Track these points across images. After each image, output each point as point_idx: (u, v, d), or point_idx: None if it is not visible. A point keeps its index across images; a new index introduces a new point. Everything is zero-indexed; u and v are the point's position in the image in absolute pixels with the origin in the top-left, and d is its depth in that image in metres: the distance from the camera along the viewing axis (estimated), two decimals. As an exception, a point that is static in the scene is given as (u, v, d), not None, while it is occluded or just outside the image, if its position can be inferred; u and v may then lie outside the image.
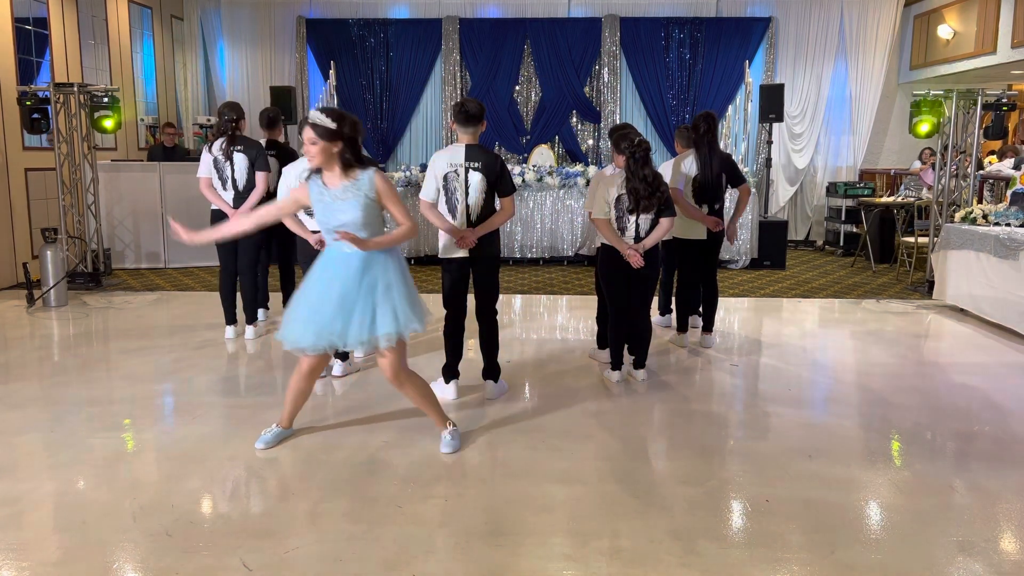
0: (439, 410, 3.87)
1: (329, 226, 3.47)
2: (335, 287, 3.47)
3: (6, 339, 6.02)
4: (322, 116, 3.37)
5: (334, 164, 3.45)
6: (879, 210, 9.68)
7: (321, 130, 3.36)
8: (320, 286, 3.52)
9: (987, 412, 4.46)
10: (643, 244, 4.68)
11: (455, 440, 3.81)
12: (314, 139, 3.37)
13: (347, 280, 3.46)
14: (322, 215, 3.48)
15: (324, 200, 3.48)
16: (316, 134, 3.36)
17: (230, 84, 11.76)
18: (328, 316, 3.45)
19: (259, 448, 3.79)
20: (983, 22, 9.67)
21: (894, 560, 2.82)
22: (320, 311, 3.47)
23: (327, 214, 3.47)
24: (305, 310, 3.53)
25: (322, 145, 3.38)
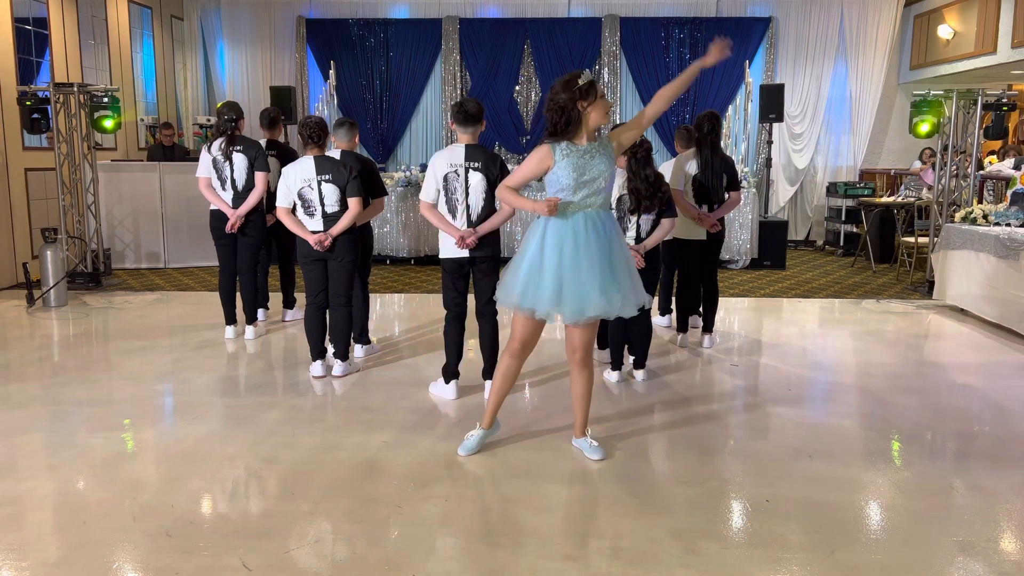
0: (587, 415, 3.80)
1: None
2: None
3: (6, 339, 6.02)
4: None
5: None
6: (879, 210, 9.68)
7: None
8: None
9: (987, 412, 4.46)
10: (644, 245, 4.68)
11: (599, 449, 3.73)
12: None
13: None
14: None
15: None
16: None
17: (230, 84, 11.75)
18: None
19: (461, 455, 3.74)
20: (983, 22, 9.67)
21: (894, 560, 2.82)
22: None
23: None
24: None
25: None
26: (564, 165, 3.40)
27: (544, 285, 3.41)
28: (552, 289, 3.40)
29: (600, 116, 3.42)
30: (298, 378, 4.98)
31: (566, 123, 3.41)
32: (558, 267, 3.40)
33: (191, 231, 9.13)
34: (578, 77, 3.39)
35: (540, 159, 3.44)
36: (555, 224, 3.43)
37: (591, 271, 3.39)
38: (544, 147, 3.45)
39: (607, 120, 3.48)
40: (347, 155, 5.10)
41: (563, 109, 3.40)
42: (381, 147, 11.76)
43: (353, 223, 4.80)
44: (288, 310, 6.57)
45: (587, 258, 3.40)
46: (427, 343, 5.77)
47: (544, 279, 3.41)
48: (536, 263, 3.44)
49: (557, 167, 3.41)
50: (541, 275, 3.42)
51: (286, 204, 4.77)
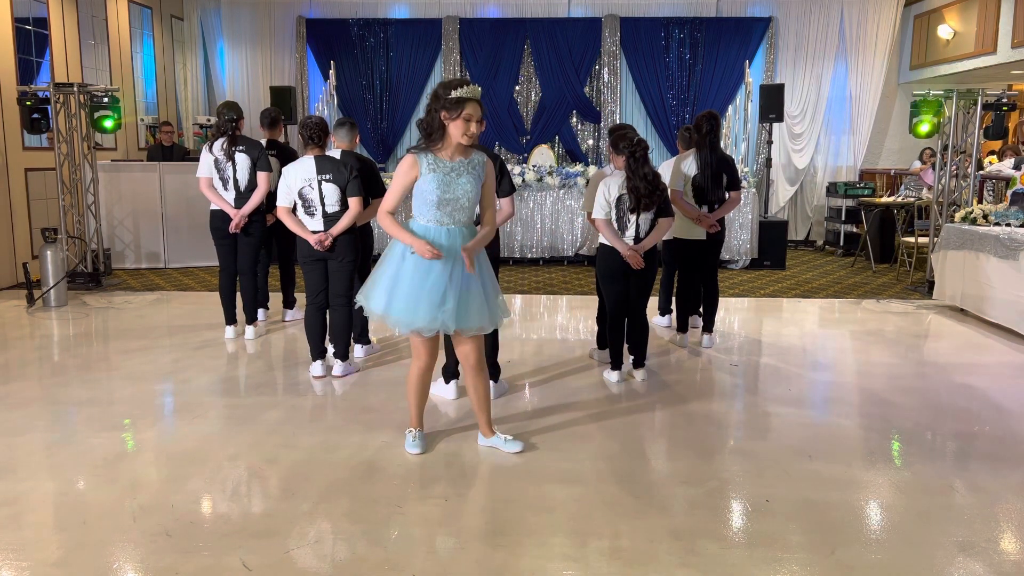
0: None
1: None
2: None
3: (6, 339, 6.02)
4: None
5: None
6: (879, 210, 9.68)
7: None
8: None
9: (987, 412, 4.46)
10: (642, 245, 4.68)
11: (516, 443, 3.79)
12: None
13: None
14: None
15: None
16: None
17: (230, 84, 11.75)
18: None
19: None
20: (983, 22, 9.67)
21: (894, 560, 2.82)
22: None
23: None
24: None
25: None
26: (430, 179, 3.41)
27: (399, 298, 3.44)
28: (407, 302, 3.43)
29: (458, 133, 3.37)
30: (298, 378, 4.98)
31: (428, 132, 3.41)
32: (416, 281, 3.43)
33: (191, 231, 9.13)
34: (456, 86, 3.33)
35: (407, 170, 3.43)
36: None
37: (451, 287, 3.44)
38: (410, 157, 3.44)
39: (466, 140, 3.40)
40: (347, 155, 5.10)
41: (428, 114, 3.41)
42: (381, 147, 11.75)
43: (353, 223, 4.80)
44: (288, 310, 6.57)
45: (446, 273, 3.44)
46: (427, 343, 5.76)
47: (399, 293, 3.44)
48: (394, 276, 3.47)
49: (422, 180, 3.42)
50: (397, 289, 3.45)
51: (286, 204, 4.77)
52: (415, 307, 3.43)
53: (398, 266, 3.48)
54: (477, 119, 3.39)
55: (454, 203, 3.45)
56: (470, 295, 3.49)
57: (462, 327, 3.51)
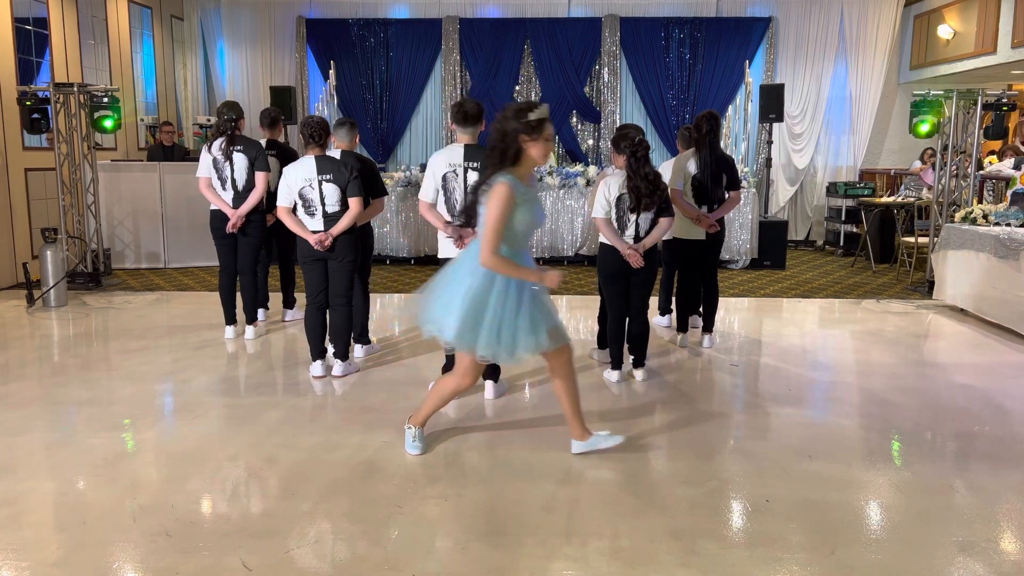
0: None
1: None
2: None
3: (6, 339, 6.02)
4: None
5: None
6: (879, 210, 9.68)
7: None
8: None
9: (987, 412, 4.45)
10: (642, 244, 4.68)
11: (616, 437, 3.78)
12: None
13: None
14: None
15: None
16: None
17: (230, 84, 11.75)
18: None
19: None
20: (983, 22, 9.67)
21: (894, 560, 2.82)
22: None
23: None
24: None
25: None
26: (524, 210, 3.31)
27: (484, 327, 3.34)
28: (490, 331, 3.35)
29: (540, 155, 3.33)
30: (298, 378, 4.98)
31: (501, 157, 3.30)
32: (498, 311, 3.36)
33: (191, 231, 9.13)
34: (530, 109, 3.28)
35: (508, 200, 3.24)
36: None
37: (522, 312, 3.39)
38: (506, 187, 3.23)
39: (544, 162, 3.37)
40: (347, 155, 5.10)
41: (503, 139, 3.29)
42: (381, 147, 11.75)
43: (354, 223, 4.80)
44: (288, 310, 6.57)
45: (519, 300, 3.39)
46: (427, 343, 5.75)
47: (484, 321, 3.35)
48: (481, 305, 3.35)
49: (516, 210, 3.28)
50: (483, 318, 3.35)
51: (287, 204, 4.77)
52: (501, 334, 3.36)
53: (499, 301, 3.38)
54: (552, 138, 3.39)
55: (534, 227, 3.44)
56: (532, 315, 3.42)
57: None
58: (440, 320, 3.41)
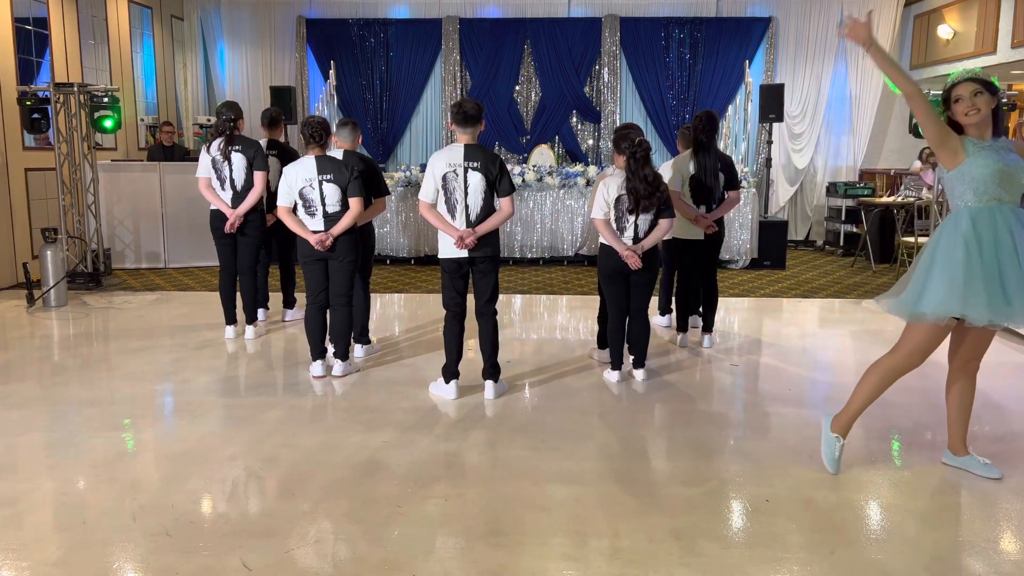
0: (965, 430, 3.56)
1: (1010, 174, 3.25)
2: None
3: (6, 339, 6.02)
4: (979, 75, 3.34)
5: (988, 120, 3.38)
6: (879, 210, 9.68)
7: (988, 84, 3.34)
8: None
9: (987, 412, 4.45)
10: (642, 245, 4.68)
11: (992, 468, 3.48)
12: (981, 90, 3.34)
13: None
14: (995, 165, 3.23)
15: (988, 151, 3.29)
16: (984, 87, 3.35)
17: (230, 84, 11.75)
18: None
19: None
20: (983, 22, 9.67)
21: (894, 560, 2.82)
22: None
23: (1002, 164, 3.23)
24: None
25: (988, 98, 3.35)
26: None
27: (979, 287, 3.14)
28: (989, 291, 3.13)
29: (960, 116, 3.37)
30: (298, 378, 4.98)
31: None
32: (991, 266, 3.16)
33: (191, 231, 9.13)
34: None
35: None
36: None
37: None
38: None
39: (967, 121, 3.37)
40: (350, 155, 5.10)
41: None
42: (381, 147, 11.75)
43: (354, 223, 4.80)
44: (288, 310, 6.57)
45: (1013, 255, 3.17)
46: (427, 343, 5.77)
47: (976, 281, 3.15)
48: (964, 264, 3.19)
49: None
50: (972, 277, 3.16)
51: (287, 203, 4.77)
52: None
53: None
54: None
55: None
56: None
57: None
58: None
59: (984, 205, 3.25)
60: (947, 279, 3.20)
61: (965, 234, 3.25)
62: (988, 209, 3.24)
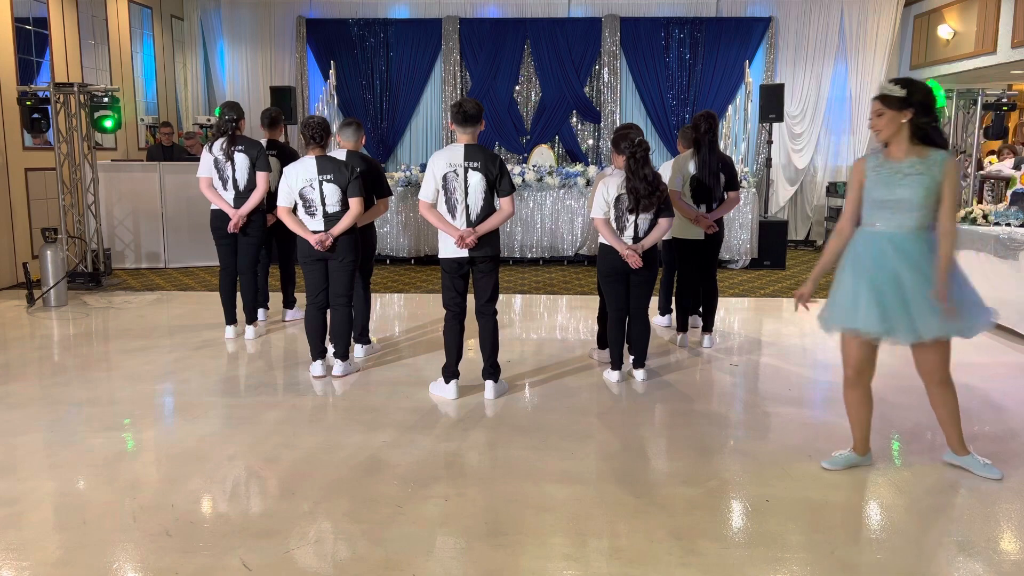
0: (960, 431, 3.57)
1: (887, 200, 3.31)
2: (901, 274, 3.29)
3: (6, 339, 6.02)
4: (890, 85, 3.26)
5: (902, 136, 3.29)
6: (879, 210, 9.66)
7: (889, 100, 3.24)
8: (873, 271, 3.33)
9: (987, 412, 4.45)
10: (641, 244, 4.68)
11: (992, 468, 3.51)
12: (880, 110, 3.27)
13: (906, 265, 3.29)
14: (877, 190, 3.32)
15: (881, 174, 3.32)
16: (883, 104, 3.26)
17: (230, 84, 11.75)
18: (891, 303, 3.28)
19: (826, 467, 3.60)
20: (983, 22, 9.67)
21: (894, 560, 2.82)
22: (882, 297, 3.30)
23: (884, 189, 3.30)
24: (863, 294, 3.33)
25: (890, 115, 3.25)
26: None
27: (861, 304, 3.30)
28: (871, 308, 3.29)
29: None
30: (298, 378, 4.98)
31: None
32: (873, 286, 3.30)
33: (191, 231, 9.13)
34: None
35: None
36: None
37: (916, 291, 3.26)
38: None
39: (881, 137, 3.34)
40: (352, 155, 5.11)
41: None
42: (381, 147, 11.75)
43: (354, 223, 4.80)
44: (288, 310, 6.57)
45: (901, 279, 3.28)
46: (427, 343, 5.77)
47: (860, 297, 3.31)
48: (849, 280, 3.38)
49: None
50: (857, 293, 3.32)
51: (287, 204, 4.77)
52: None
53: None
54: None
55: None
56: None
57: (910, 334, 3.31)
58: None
59: (868, 227, 3.40)
60: (835, 294, 3.45)
61: (850, 253, 3.44)
62: (872, 232, 3.37)
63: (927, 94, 3.28)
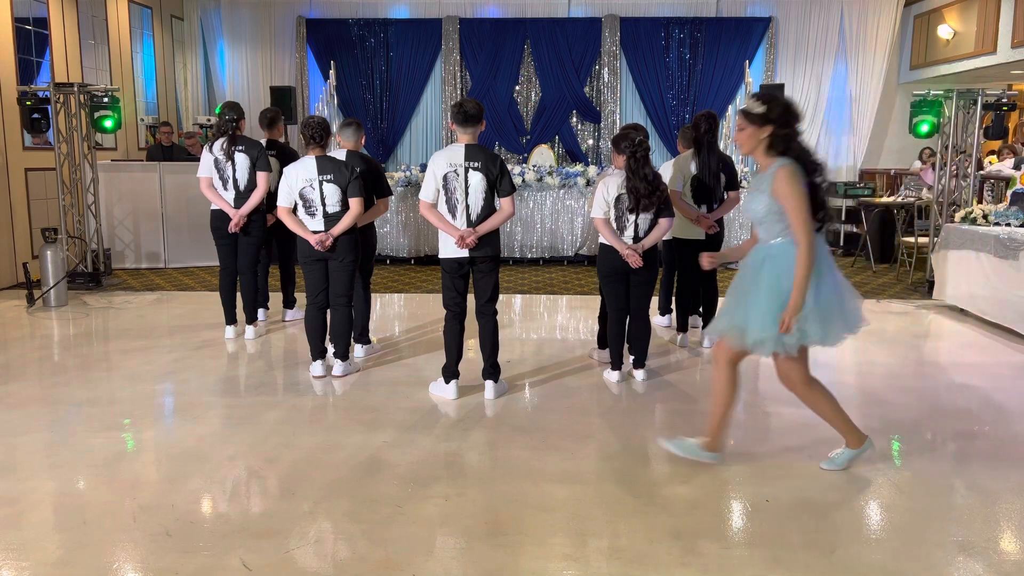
0: (851, 426, 3.59)
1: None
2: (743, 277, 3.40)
3: (6, 339, 6.02)
4: (751, 101, 3.31)
5: (760, 151, 3.34)
6: (879, 210, 9.68)
7: (750, 116, 3.28)
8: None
9: (987, 412, 4.45)
10: (641, 244, 4.68)
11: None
12: (742, 124, 3.32)
13: (745, 272, 3.41)
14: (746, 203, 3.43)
15: (750, 188, 3.40)
16: (745, 119, 3.30)
17: (230, 84, 11.76)
18: (731, 305, 3.42)
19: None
20: (983, 22, 9.67)
21: (894, 560, 2.82)
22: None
23: (749, 202, 3.38)
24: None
25: (750, 130, 3.30)
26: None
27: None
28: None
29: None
30: (298, 378, 4.98)
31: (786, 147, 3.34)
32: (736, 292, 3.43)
33: (191, 231, 9.13)
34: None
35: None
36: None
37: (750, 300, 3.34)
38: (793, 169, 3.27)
39: (743, 151, 3.38)
40: (352, 155, 5.10)
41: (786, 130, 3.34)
42: (381, 147, 11.76)
43: (354, 223, 4.80)
44: (288, 310, 6.57)
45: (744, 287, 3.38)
46: (427, 343, 5.77)
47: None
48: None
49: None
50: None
51: (287, 204, 4.77)
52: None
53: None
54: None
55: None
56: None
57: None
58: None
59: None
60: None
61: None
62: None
63: (786, 109, 3.31)
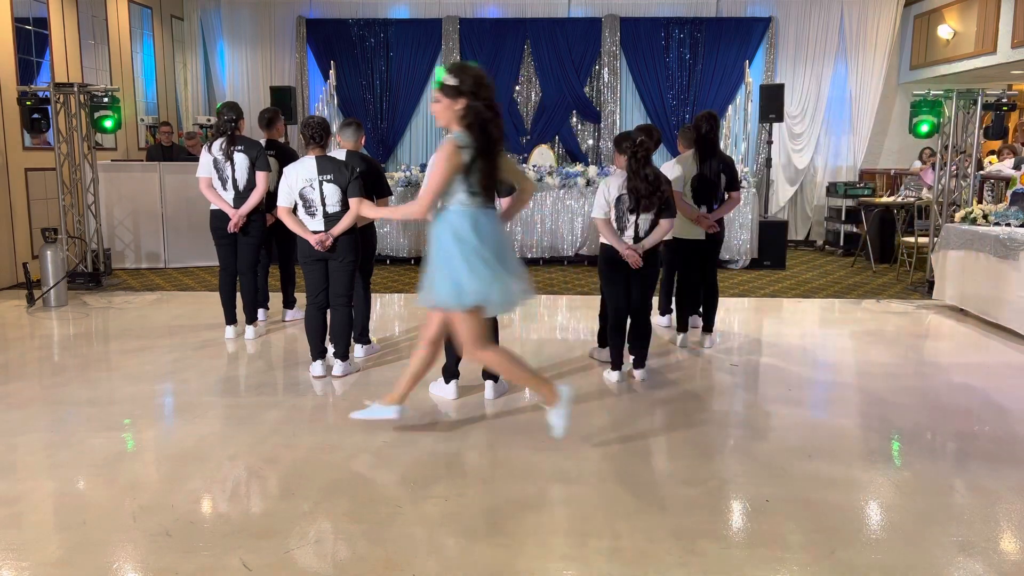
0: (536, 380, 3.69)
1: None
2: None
3: (6, 339, 6.02)
4: (445, 74, 3.37)
5: (456, 123, 3.41)
6: (879, 210, 9.68)
7: (445, 88, 3.34)
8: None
9: (987, 412, 4.46)
10: (642, 244, 4.68)
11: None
12: (437, 97, 3.40)
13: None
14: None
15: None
16: (440, 92, 3.36)
17: (230, 84, 11.76)
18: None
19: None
20: (983, 22, 9.67)
21: (894, 560, 2.82)
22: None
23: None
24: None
25: (445, 103, 3.37)
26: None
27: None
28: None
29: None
30: (298, 378, 4.98)
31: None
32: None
33: (191, 231, 9.13)
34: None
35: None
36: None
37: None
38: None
39: (439, 123, 3.49)
40: (352, 155, 5.10)
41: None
42: (381, 147, 11.76)
43: (354, 223, 4.79)
44: (288, 310, 6.57)
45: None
46: (427, 343, 5.76)
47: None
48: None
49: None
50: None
51: (287, 204, 4.77)
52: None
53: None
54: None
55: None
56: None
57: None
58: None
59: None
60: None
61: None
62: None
63: (476, 81, 3.38)
